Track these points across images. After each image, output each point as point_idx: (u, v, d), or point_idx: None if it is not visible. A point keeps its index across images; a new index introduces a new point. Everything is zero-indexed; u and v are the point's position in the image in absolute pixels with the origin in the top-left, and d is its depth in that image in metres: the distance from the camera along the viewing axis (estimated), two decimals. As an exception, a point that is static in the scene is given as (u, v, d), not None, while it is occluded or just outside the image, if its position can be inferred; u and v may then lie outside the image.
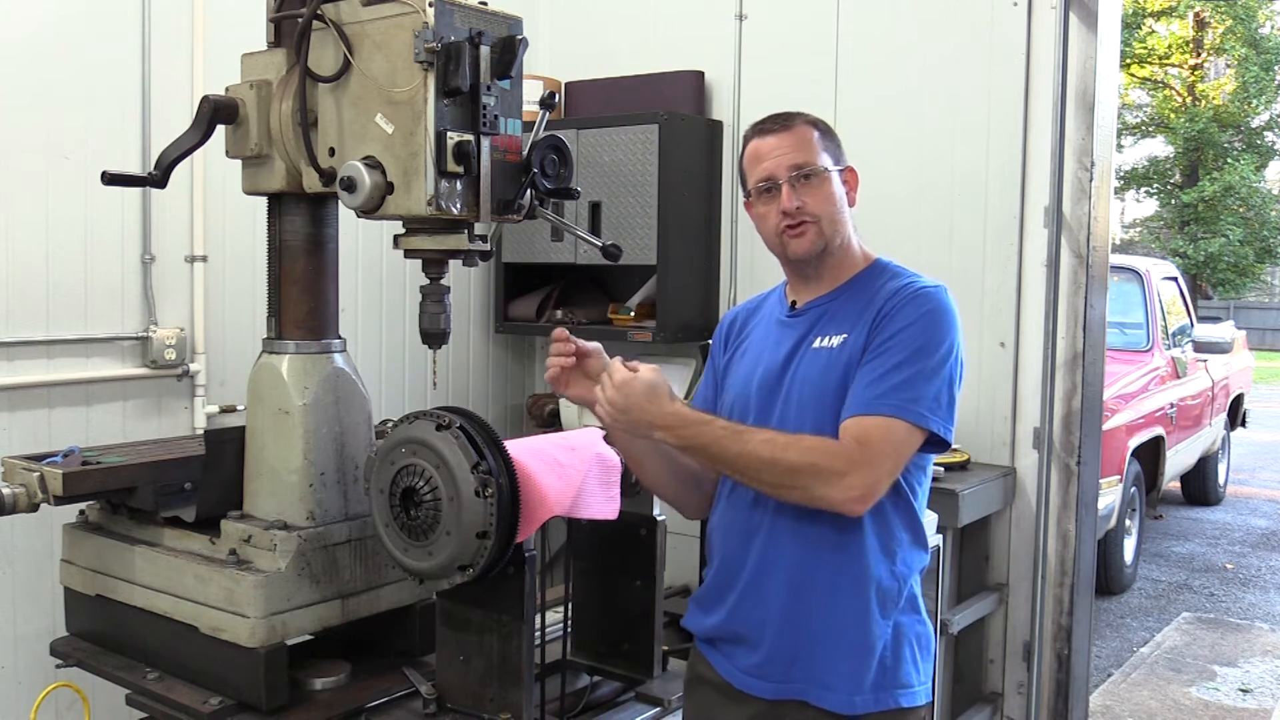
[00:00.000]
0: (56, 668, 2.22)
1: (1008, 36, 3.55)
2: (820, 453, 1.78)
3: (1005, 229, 3.58)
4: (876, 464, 1.77)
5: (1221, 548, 8.11)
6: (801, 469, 1.77)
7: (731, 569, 1.97)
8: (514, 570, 1.85)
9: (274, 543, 1.94)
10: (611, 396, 1.84)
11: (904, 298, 1.88)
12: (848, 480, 1.75)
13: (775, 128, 1.96)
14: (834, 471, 1.76)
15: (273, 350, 2.09)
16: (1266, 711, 4.97)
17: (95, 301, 3.18)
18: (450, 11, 1.81)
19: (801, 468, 1.77)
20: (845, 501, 1.77)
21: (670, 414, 1.83)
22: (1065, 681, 3.56)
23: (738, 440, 1.81)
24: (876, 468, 1.77)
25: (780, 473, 1.78)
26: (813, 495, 1.78)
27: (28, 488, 2.04)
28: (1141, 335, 7.16)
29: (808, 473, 1.77)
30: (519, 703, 1.86)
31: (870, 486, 1.77)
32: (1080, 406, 3.49)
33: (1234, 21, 21.40)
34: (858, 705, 1.86)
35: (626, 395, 1.83)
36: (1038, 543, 3.56)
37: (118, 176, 2.14)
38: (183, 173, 2.99)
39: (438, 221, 1.87)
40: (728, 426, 1.84)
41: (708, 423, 1.83)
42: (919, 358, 1.82)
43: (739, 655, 1.96)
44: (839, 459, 1.77)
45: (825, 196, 1.93)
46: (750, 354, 2.04)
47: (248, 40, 2.19)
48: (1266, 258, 22.04)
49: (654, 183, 3.88)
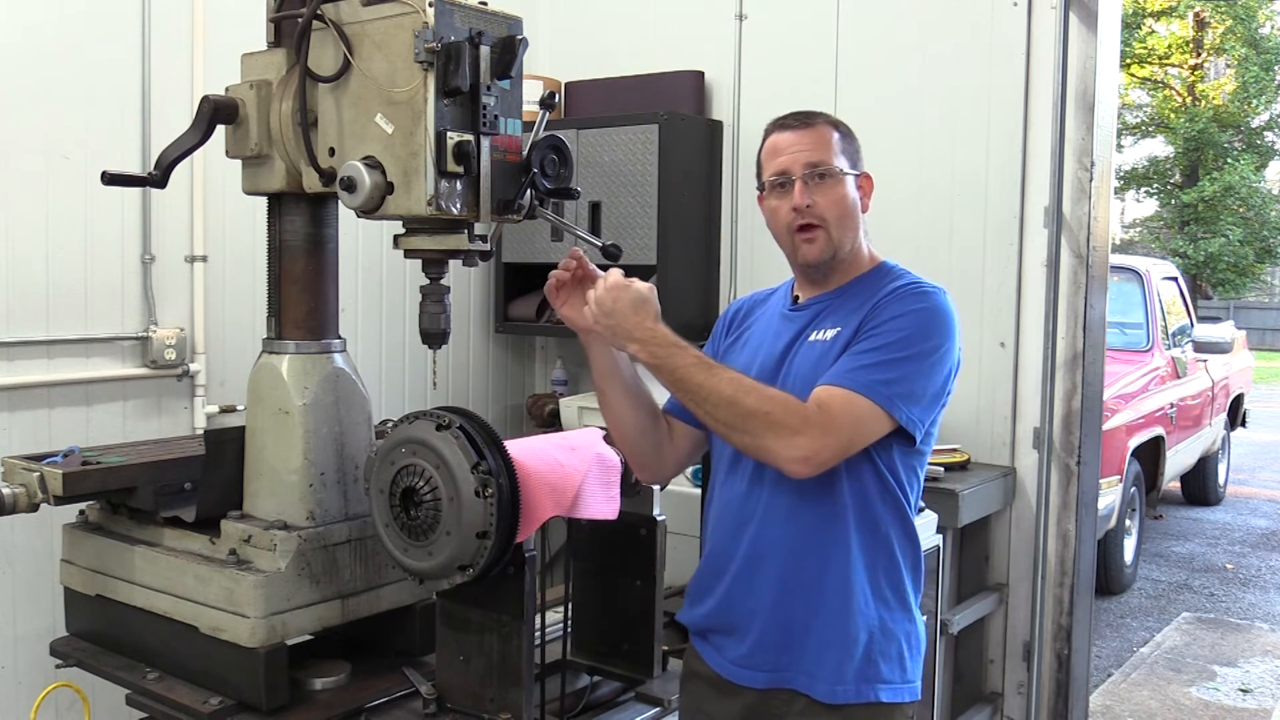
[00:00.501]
0: (56, 668, 2.22)
1: (1008, 36, 3.55)
2: (779, 405, 1.78)
3: (1005, 229, 3.58)
4: (830, 431, 1.77)
5: (1221, 548, 8.11)
6: (756, 414, 1.77)
7: (721, 559, 1.98)
8: (514, 570, 1.85)
9: (274, 543, 1.94)
10: (600, 296, 1.85)
11: (901, 293, 1.89)
12: (797, 439, 1.75)
13: (796, 124, 1.97)
14: (786, 426, 1.76)
15: (273, 350, 2.09)
16: (1266, 711, 4.97)
17: (95, 301, 3.19)
18: (450, 11, 1.81)
19: (756, 413, 1.77)
20: (790, 460, 1.77)
21: (649, 329, 1.83)
22: (1065, 681, 3.56)
23: (706, 371, 1.81)
24: (829, 435, 1.77)
25: (736, 414, 1.78)
26: (760, 444, 1.79)
27: (28, 488, 2.04)
28: (1141, 335, 7.16)
29: (761, 420, 1.77)
30: (519, 703, 1.86)
31: (817, 451, 1.76)
32: (1080, 406, 3.49)
33: (1234, 21, 21.40)
34: (838, 695, 1.87)
35: (615, 299, 1.84)
36: (1038, 543, 3.56)
37: (118, 176, 2.14)
38: (183, 173, 2.99)
39: (438, 221, 1.87)
40: (700, 356, 1.84)
41: (683, 349, 1.83)
42: (902, 346, 1.82)
43: (728, 646, 1.97)
44: (794, 416, 1.77)
45: (837, 199, 1.93)
46: (750, 345, 2.05)
47: (248, 40, 2.18)
48: (1266, 258, 22.05)
49: (654, 183, 3.88)
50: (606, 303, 1.85)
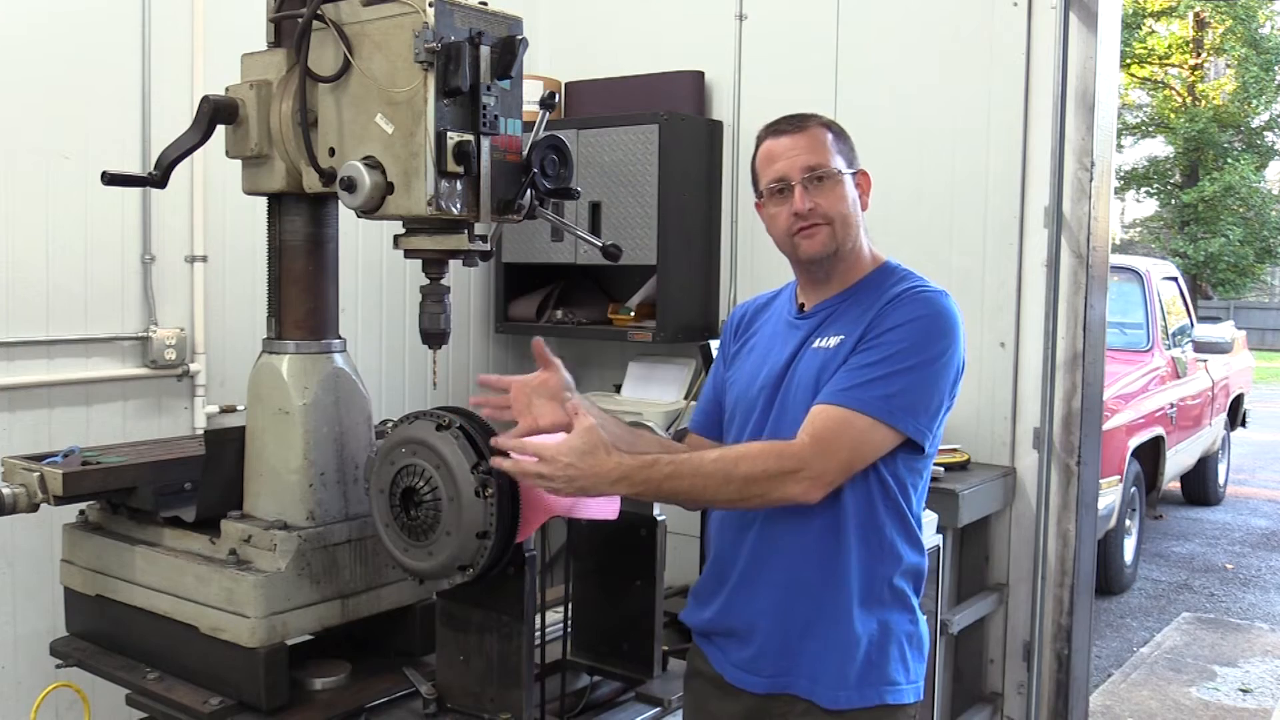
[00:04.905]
0: (56, 668, 2.22)
1: (1008, 36, 3.55)
2: (771, 458, 1.79)
3: (1005, 229, 3.58)
4: (828, 455, 1.78)
5: (1221, 548, 8.10)
6: (756, 478, 1.78)
7: (726, 563, 1.98)
8: (514, 570, 1.85)
9: (274, 543, 1.94)
10: (550, 473, 1.72)
11: (903, 299, 1.89)
12: (802, 474, 1.77)
13: (789, 129, 1.96)
14: (786, 472, 1.77)
15: (273, 350, 2.09)
16: (1266, 711, 4.97)
17: (95, 301, 3.19)
18: (450, 11, 1.81)
19: (756, 477, 1.78)
20: (800, 495, 1.79)
21: (614, 467, 1.74)
22: (1065, 681, 3.56)
23: (689, 470, 1.79)
24: (828, 459, 1.78)
25: (738, 487, 1.79)
26: (773, 499, 1.80)
27: (28, 488, 2.04)
28: (1141, 335, 7.15)
29: (763, 480, 1.78)
30: (519, 703, 1.86)
31: (820, 475, 1.78)
32: (1080, 406, 3.49)
33: (1234, 21, 21.38)
34: (842, 700, 1.87)
35: (565, 466, 1.71)
36: (1038, 543, 3.56)
37: (118, 176, 2.14)
38: (183, 173, 2.99)
39: (438, 221, 1.87)
40: (673, 460, 1.80)
41: (653, 463, 1.78)
42: (902, 357, 1.82)
43: (731, 649, 1.97)
44: (789, 460, 1.78)
45: (838, 198, 1.93)
46: (757, 353, 2.05)
47: (248, 40, 2.19)
48: (1266, 258, 22.03)
49: (654, 183, 3.88)
50: (559, 474, 1.72)
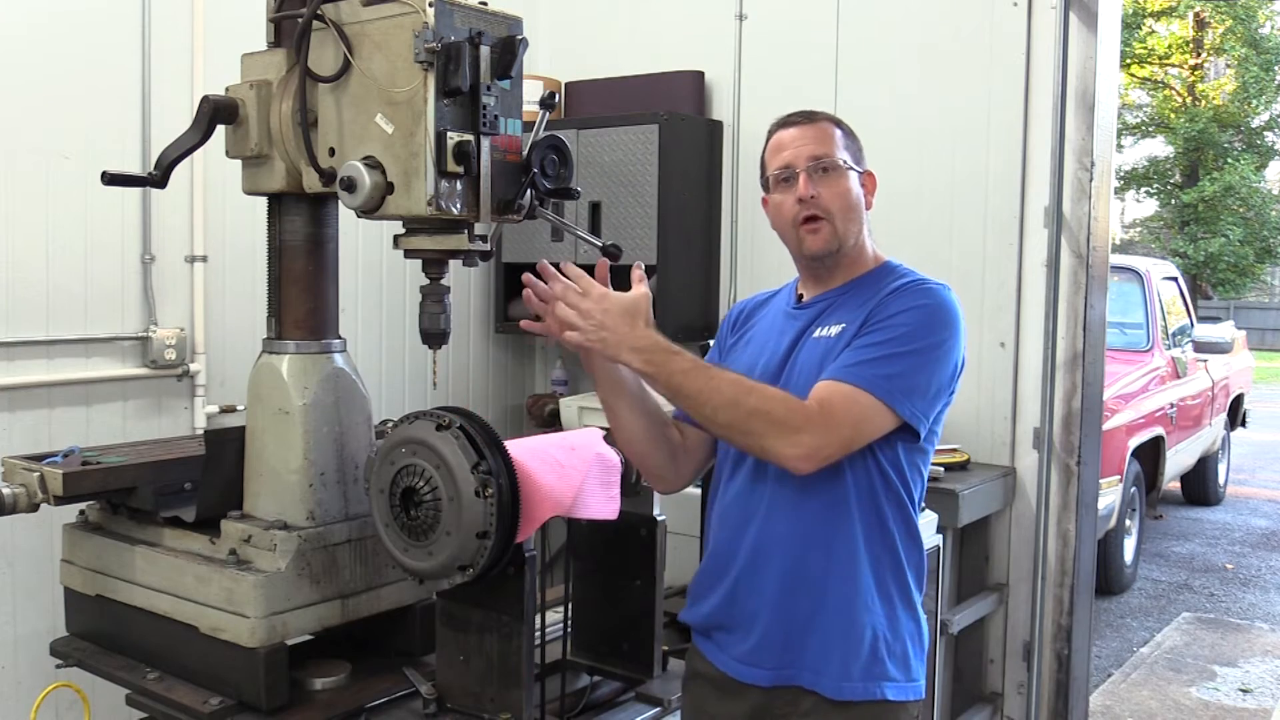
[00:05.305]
0: (56, 668, 2.22)
1: (1008, 36, 3.55)
2: (780, 404, 1.78)
3: (1005, 229, 3.58)
4: (832, 428, 1.77)
5: (1221, 548, 8.11)
6: (757, 414, 1.77)
7: (725, 556, 1.98)
8: (514, 570, 1.85)
9: (274, 543, 1.94)
10: (588, 309, 1.79)
11: (906, 289, 1.90)
12: (799, 437, 1.76)
13: (799, 120, 1.99)
14: (788, 425, 1.76)
15: (273, 350, 2.09)
16: (1266, 711, 4.97)
17: (95, 301, 3.19)
18: (450, 11, 1.81)
19: (758, 413, 1.77)
20: (793, 457, 1.77)
21: (644, 336, 1.79)
22: (1065, 681, 3.56)
23: (704, 375, 1.80)
24: (831, 431, 1.77)
25: (738, 416, 1.78)
26: (763, 445, 1.79)
27: (28, 488, 2.04)
28: (1141, 335, 7.16)
29: (763, 420, 1.77)
30: (519, 703, 1.86)
31: (820, 448, 1.77)
32: (1080, 406, 3.49)
33: (1234, 21, 21.39)
34: (845, 692, 1.87)
35: (604, 310, 1.79)
36: (1038, 543, 3.56)
37: (118, 176, 2.14)
38: (183, 173, 2.99)
39: (438, 221, 1.87)
40: (697, 361, 1.82)
41: (679, 354, 1.80)
42: (905, 341, 1.83)
43: (732, 643, 1.96)
44: (796, 415, 1.77)
45: (841, 192, 1.94)
46: (754, 343, 2.06)
47: (248, 40, 2.18)
48: (1266, 258, 22.03)
49: (654, 183, 3.88)
50: (595, 315, 1.80)
